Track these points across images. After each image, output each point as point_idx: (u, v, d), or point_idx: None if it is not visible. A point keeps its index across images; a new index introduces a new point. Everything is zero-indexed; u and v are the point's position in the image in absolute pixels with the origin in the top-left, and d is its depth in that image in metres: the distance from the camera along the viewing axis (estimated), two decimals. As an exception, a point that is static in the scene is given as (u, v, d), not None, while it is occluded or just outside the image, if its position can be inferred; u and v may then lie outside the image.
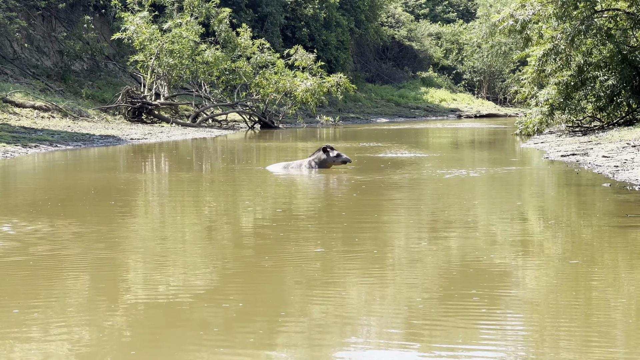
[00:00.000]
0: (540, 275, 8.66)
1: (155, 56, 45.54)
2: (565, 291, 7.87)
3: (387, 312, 7.28)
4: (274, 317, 7.07)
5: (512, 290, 7.96)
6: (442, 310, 7.30)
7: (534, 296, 7.80)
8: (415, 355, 6.14)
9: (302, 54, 51.25)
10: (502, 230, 11.43)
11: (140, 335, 6.68)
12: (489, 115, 75.77)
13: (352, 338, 6.57)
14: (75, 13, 52.22)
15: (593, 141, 27.79)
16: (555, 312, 7.21)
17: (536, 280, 8.47)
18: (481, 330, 6.74)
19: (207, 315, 7.16)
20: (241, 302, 7.59)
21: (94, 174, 20.30)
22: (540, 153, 26.22)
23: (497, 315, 7.15)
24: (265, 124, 48.77)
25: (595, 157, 22.22)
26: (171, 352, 6.23)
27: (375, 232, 11.42)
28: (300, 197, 16.06)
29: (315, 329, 6.77)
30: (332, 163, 20.18)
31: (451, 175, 18.90)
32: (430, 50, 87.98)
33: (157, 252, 10.04)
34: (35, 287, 8.22)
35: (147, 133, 37.77)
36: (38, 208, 13.73)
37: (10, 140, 29.18)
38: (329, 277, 8.61)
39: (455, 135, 43.05)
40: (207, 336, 6.59)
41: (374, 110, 69.50)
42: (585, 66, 33.12)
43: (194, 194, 16.55)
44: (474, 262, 9.20)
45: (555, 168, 20.90)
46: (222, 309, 7.37)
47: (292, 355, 6.19)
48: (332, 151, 20.20)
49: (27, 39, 48.03)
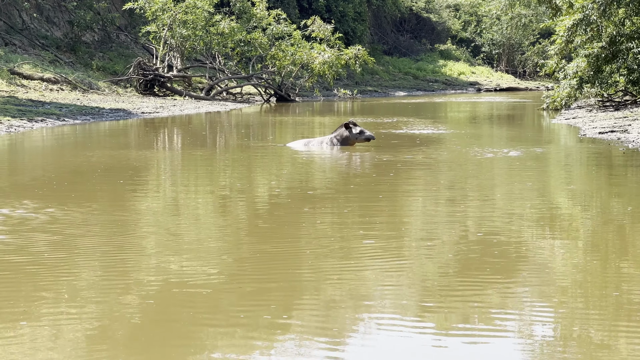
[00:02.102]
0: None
1: (168, 27, 44.13)
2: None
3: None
4: (289, 295, 7.00)
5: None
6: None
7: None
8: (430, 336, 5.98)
9: (319, 25, 49.63)
10: (580, 227, 10.03)
11: (151, 317, 6.45)
12: (509, 89, 74.16)
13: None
14: (86, -18, 50.73)
15: (629, 117, 26.32)
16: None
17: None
18: None
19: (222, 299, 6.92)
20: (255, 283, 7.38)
21: (101, 150, 18.93)
22: (575, 130, 24.77)
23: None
24: (281, 97, 47.36)
25: (638, 134, 20.81)
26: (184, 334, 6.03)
27: (398, 224, 10.07)
28: (320, 178, 14.68)
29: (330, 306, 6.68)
30: (355, 140, 18.80)
31: (486, 155, 17.49)
32: (449, 22, 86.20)
33: (169, 235, 9.37)
34: (42, 277, 7.58)
35: (159, 106, 36.42)
36: (39, 189, 12.59)
37: (16, 113, 27.89)
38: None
39: (478, 110, 41.58)
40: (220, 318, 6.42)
41: (391, 83, 68.04)
42: (617, 37, 31.56)
43: (208, 176, 15.24)
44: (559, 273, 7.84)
45: (597, 147, 19.42)
46: (237, 292, 7.13)
47: (307, 331, 6.10)
48: (355, 127, 18.81)
49: (36, 8, 46.60)
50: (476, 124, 30.21)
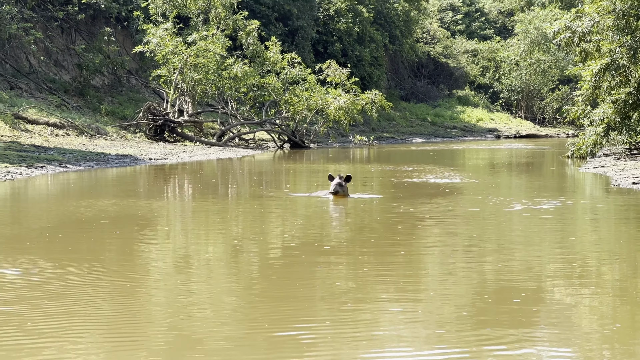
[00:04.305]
0: None
1: (179, 70, 42.93)
2: None
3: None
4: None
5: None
6: None
7: None
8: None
9: (335, 69, 48.28)
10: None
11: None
12: (528, 136, 72.83)
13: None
14: (96, 25, 49.54)
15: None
16: None
17: None
18: None
19: None
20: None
21: (95, 199, 17.43)
22: (605, 179, 23.23)
23: None
24: (295, 144, 45.97)
25: (677, 185, 19.31)
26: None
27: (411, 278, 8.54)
28: (334, 230, 13.19)
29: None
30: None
31: (515, 207, 15.95)
32: (467, 67, 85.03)
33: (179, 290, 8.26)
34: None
35: (168, 152, 35.05)
36: (30, 242, 11.21)
37: (16, 160, 26.55)
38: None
39: (500, 157, 40.10)
40: None
41: (409, 129, 66.74)
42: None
43: (218, 229, 13.76)
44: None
45: (635, 199, 17.88)
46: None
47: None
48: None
49: (44, 51, 45.44)
50: (503, 173, 28.72)
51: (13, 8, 42.15)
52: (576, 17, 30.79)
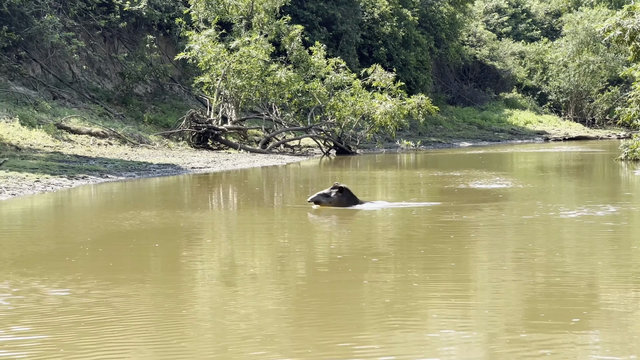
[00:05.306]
0: None
1: (222, 77, 42.40)
2: None
3: None
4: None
5: None
6: None
7: None
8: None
9: (380, 73, 47.57)
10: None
11: None
12: (578, 138, 71.55)
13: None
14: (138, 33, 49.12)
15: None
16: None
17: None
18: None
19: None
20: None
21: (136, 211, 16.81)
22: (665, 183, 22.36)
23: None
24: (341, 150, 45.26)
25: None
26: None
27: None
28: (383, 239, 12.49)
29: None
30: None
31: (570, 214, 15.14)
32: (514, 70, 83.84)
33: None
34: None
35: (211, 161, 34.46)
36: (67, 258, 10.81)
37: (57, 171, 26.07)
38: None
39: (549, 161, 39.14)
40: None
41: (455, 133, 65.81)
42: None
43: (264, 242, 13.11)
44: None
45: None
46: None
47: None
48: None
49: (86, 60, 45.12)
50: (556, 177, 27.85)
51: (55, 17, 41.82)
52: (628, 14, 29.89)
